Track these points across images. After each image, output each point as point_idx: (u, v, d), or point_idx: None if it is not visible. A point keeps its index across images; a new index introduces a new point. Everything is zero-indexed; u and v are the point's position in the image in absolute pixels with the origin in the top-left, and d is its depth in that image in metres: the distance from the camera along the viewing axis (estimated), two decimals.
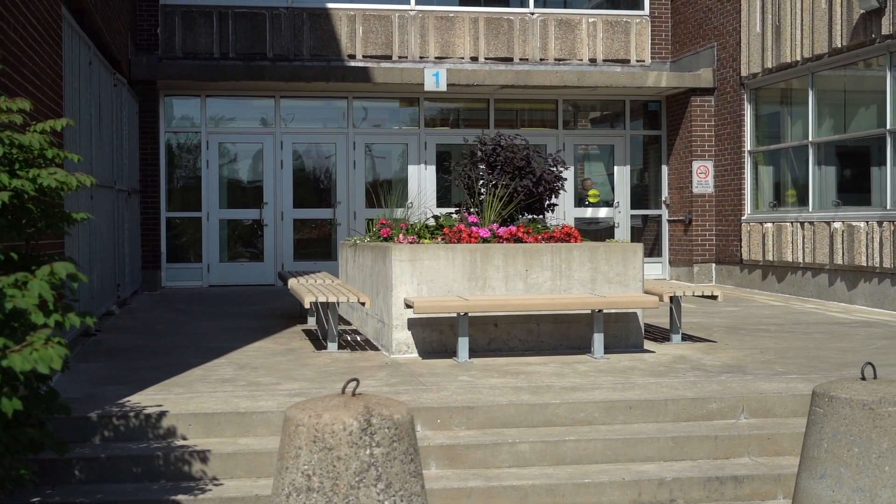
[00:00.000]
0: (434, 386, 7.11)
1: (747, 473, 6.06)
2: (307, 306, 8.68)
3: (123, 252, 12.69)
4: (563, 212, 17.75)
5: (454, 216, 9.79)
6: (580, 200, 18.19)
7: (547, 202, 10.26)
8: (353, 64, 16.87)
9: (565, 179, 10.43)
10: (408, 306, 8.24)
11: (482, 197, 9.72)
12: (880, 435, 4.68)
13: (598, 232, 17.87)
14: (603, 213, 18.18)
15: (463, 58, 17.36)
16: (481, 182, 9.93)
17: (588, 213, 18.16)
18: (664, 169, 18.07)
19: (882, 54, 12.65)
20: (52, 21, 7.60)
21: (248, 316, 12.13)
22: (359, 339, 9.82)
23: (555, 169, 10.14)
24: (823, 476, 4.78)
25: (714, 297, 9.37)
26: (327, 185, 17.58)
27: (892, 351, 8.85)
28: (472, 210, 9.84)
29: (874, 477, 4.66)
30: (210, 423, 6.22)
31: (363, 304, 8.70)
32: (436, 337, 8.66)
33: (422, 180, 17.37)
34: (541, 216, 10.25)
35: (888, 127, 12.53)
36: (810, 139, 14.29)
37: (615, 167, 18.29)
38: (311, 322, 10.95)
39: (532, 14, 17.62)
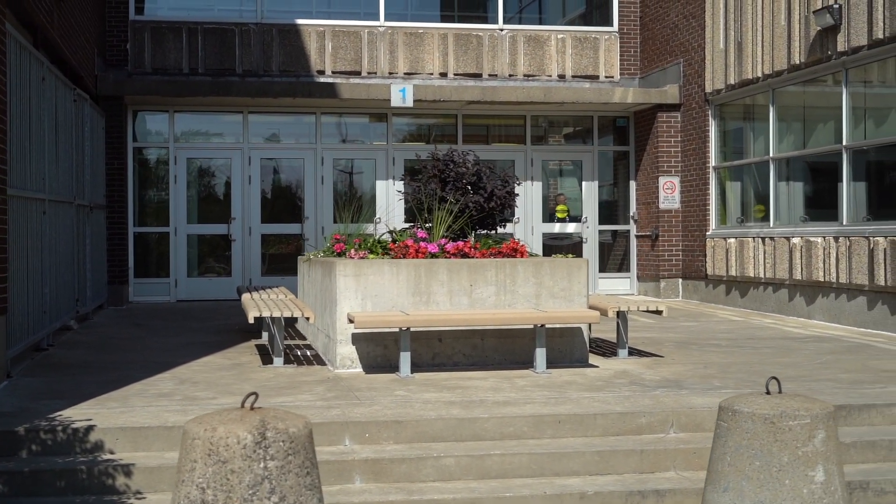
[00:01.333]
0: (368, 400, 7.15)
1: (670, 487, 6.10)
2: (251, 321, 8.72)
3: (84, 267, 12.71)
4: (532, 227, 17.83)
5: (407, 231, 9.85)
6: (549, 216, 18.24)
7: (499, 217, 10.33)
8: (321, 80, 16.94)
9: (517, 195, 10.50)
10: (350, 321, 8.28)
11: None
12: (781, 449, 4.74)
13: (569, 247, 17.93)
14: (571, 228, 18.22)
15: (432, 74, 17.44)
16: (433, 198, 9.99)
17: (556, 228, 18.20)
18: (632, 184, 18.15)
19: (838, 70, 12.77)
20: None
21: (208, 331, 12.15)
22: (309, 353, 9.85)
23: (507, 185, 10.21)
24: (727, 489, 4.83)
25: (659, 313, 9.43)
26: (295, 201, 17.62)
27: (833, 366, 8.91)
28: (422, 226, 9.90)
29: (774, 490, 4.72)
30: (138, 437, 6.25)
31: (308, 318, 8.74)
32: (380, 352, 8.70)
33: (390, 195, 17.40)
34: (493, 231, 10.32)
35: (844, 143, 12.63)
36: (771, 155, 14.39)
37: (584, 183, 18.35)
38: (266, 337, 10.98)
39: (501, 30, 17.72)
